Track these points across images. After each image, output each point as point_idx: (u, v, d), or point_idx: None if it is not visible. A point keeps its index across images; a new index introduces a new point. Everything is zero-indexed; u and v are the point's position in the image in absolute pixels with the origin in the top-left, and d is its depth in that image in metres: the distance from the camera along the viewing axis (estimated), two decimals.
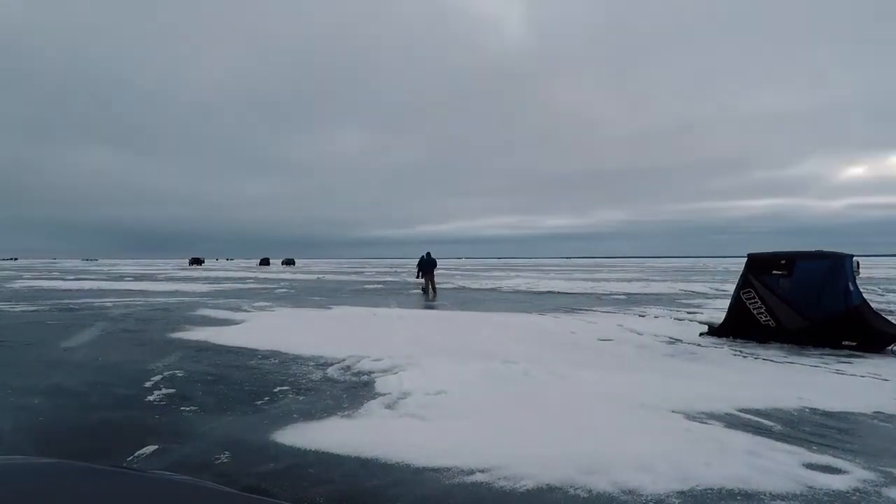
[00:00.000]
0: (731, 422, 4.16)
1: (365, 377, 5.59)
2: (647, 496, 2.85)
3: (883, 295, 16.67)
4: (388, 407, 4.48)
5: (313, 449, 3.54)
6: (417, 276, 19.15)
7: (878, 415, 4.48)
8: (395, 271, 46.32)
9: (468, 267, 65.94)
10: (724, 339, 8.39)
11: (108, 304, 14.25)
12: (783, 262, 8.04)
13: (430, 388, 4.87)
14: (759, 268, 8.28)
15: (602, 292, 19.31)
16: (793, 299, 7.83)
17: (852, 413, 4.50)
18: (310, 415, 4.31)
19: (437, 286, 18.93)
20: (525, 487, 2.96)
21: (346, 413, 4.36)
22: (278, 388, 5.15)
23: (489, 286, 23.94)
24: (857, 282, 7.90)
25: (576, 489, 2.95)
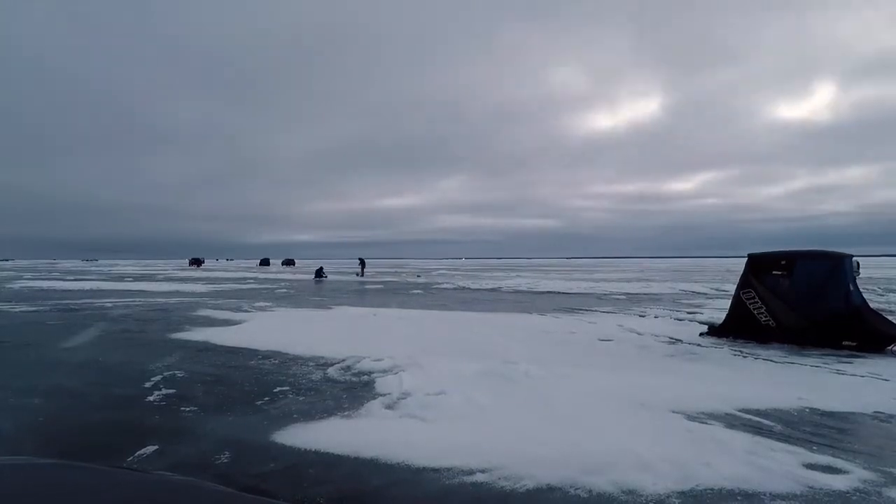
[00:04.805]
0: (732, 422, 4.16)
1: (365, 377, 5.59)
2: (647, 496, 2.85)
3: (883, 295, 16.67)
4: (389, 407, 4.48)
5: (313, 449, 3.54)
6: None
7: (878, 415, 4.48)
8: (396, 271, 46.32)
9: (469, 267, 66.00)
10: (725, 339, 8.39)
11: (108, 305, 14.26)
12: (783, 262, 8.04)
13: (431, 389, 4.87)
14: (760, 268, 8.28)
15: (602, 292, 19.32)
16: (793, 299, 7.82)
17: (852, 413, 4.51)
18: (310, 415, 4.31)
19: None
20: (525, 487, 2.97)
21: (346, 413, 4.37)
22: (278, 389, 5.16)
23: (490, 286, 23.95)
24: (858, 282, 7.90)
25: (576, 489, 2.95)
